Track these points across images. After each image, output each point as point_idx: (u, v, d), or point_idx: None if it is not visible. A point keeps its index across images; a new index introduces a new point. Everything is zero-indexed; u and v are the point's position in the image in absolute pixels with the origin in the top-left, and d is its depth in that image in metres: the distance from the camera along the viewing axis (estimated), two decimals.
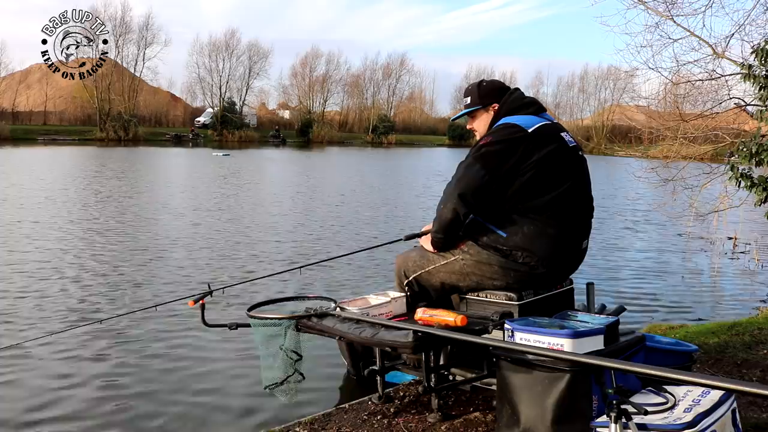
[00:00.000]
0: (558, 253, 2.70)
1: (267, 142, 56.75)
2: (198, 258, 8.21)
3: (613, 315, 2.65)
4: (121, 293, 6.37)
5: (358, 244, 9.14)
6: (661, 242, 10.99)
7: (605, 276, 7.85)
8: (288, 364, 2.88)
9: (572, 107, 69.16)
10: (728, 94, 7.62)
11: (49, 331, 4.90)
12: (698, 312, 6.41)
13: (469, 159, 2.70)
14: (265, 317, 2.97)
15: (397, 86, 70.28)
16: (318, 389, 3.93)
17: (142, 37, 55.99)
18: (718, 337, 4.23)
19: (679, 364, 3.00)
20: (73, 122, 54.18)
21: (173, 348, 4.82)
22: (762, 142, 6.33)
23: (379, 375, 3.02)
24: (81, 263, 7.66)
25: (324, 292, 5.77)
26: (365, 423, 2.82)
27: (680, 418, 1.98)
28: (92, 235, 9.62)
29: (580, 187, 2.77)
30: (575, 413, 2.18)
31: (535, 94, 37.76)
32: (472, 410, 2.91)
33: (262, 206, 14.44)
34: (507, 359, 2.32)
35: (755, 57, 6.22)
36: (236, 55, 60.97)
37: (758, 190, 6.42)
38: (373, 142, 62.51)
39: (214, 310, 5.40)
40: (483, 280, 2.77)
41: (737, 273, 8.63)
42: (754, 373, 3.51)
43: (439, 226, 2.76)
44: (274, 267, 7.43)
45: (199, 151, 41.03)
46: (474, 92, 2.94)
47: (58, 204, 13.18)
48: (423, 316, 2.66)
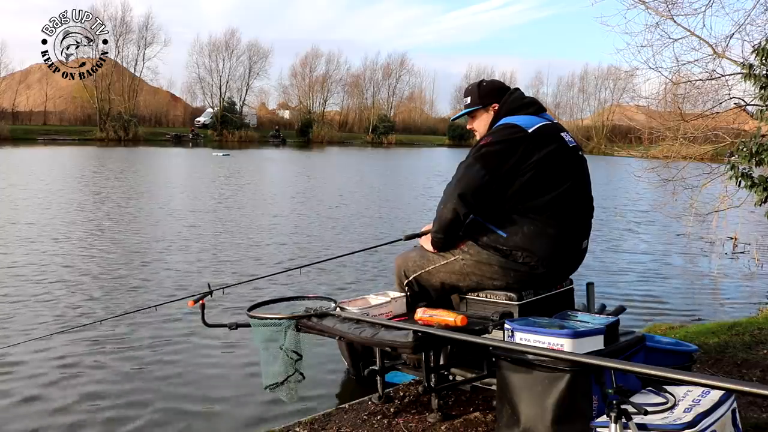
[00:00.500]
0: (558, 253, 2.70)
1: (267, 142, 56.74)
2: (198, 258, 8.21)
3: (613, 315, 2.65)
4: (121, 293, 6.37)
5: (358, 245, 9.14)
6: (661, 242, 10.99)
7: (605, 276, 7.85)
8: (288, 364, 2.88)
9: (572, 107, 69.29)
10: (728, 93, 7.64)
11: (49, 331, 4.90)
12: (698, 312, 6.41)
13: (469, 159, 2.70)
14: (265, 317, 2.97)
15: (397, 86, 70.41)
16: (318, 389, 3.93)
17: (142, 37, 56.07)
18: (718, 337, 4.23)
19: (679, 364, 3.00)
20: (73, 122, 54.16)
21: (173, 348, 4.82)
22: (762, 142, 6.33)
23: (379, 375, 3.02)
24: (80, 264, 7.67)
25: (324, 292, 5.77)
26: (365, 423, 2.82)
27: (680, 418, 1.98)
28: (91, 236, 9.62)
29: (580, 187, 2.77)
30: (575, 413, 2.18)
31: (535, 94, 37.72)
32: (472, 410, 2.91)
33: (262, 206, 14.44)
34: (507, 359, 2.32)
35: (755, 56, 6.23)
36: (236, 55, 61.06)
37: (758, 190, 6.42)
38: (373, 142, 62.52)
39: (214, 310, 5.41)
40: (483, 280, 2.77)
41: (737, 273, 8.63)
42: (754, 373, 3.51)
43: (439, 226, 2.76)
44: (274, 267, 7.43)
45: (199, 151, 41.02)
46: (474, 92, 2.94)
47: (56, 205, 13.18)
48: (423, 316, 2.66)
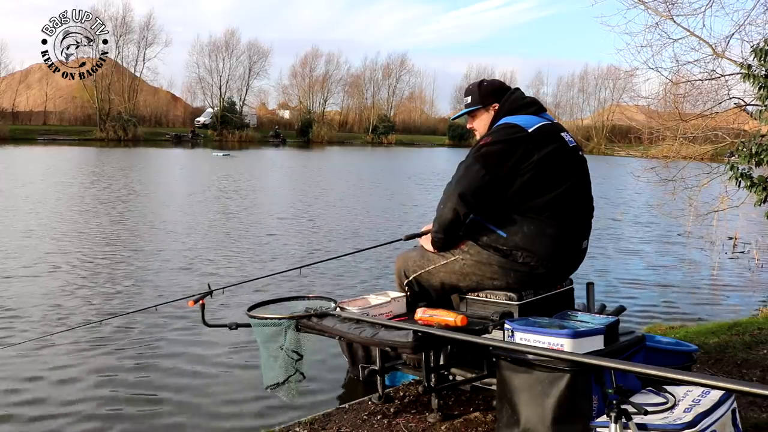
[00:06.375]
0: (558, 253, 2.70)
1: (267, 142, 56.73)
2: (198, 258, 8.20)
3: (613, 315, 2.65)
4: (121, 293, 6.37)
5: (358, 244, 9.14)
6: (661, 242, 10.99)
7: (605, 276, 7.85)
8: (289, 364, 2.87)
9: (572, 107, 69.30)
10: (728, 94, 7.63)
11: (48, 331, 4.90)
12: (698, 312, 6.41)
13: (469, 159, 2.70)
14: (265, 317, 2.97)
15: (397, 86, 70.47)
16: (318, 389, 3.93)
17: (142, 37, 56.10)
18: (718, 337, 4.23)
19: (679, 364, 3.00)
20: (73, 122, 54.15)
21: (173, 348, 4.82)
22: (762, 142, 6.34)
23: (379, 375, 3.02)
24: (80, 264, 7.67)
25: (324, 292, 5.77)
26: (365, 423, 2.82)
27: (680, 418, 1.98)
28: (91, 236, 9.62)
29: (580, 187, 2.77)
30: (575, 413, 2.18)
31: (535, 94, 37.70)
32: (472, 410, 2.91)
33: (262, 206, 14.44)
34: (507, 359, 2.32)
35: (755, 57, 6.23)
36: (236, 55, 61.08)
37: (758, 190, 6.43)
38: (373, 142, 62.53)
39: (214, 310, 5.41)
40: (483, 280, 2.77)
41: (737, 273, 8.62)
42: (754, 373, 3.51)
43: (439, 226, 2.76)
44: (275, 267, 7.43)
45: (199, 152, 41.02)
46: (475, 92, 2.94)
47: (56, 205, 13.18)
48: (423, 316, 2.66)
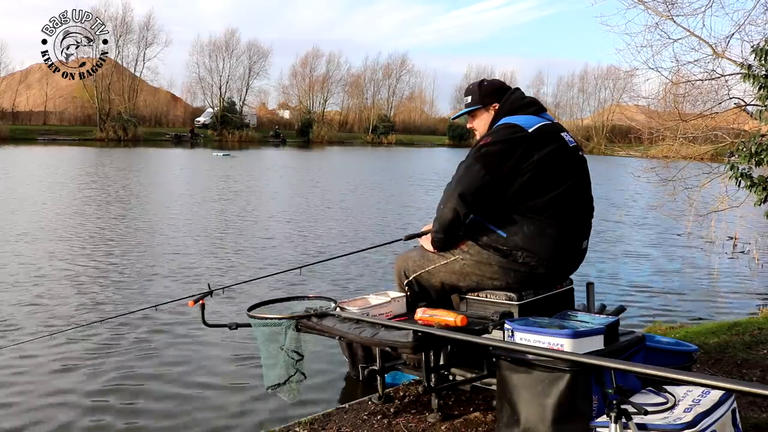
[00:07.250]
0: (558, 253, 2.70)
1: (267, 142, 56.72)
2: (197, 258, 8.21)
3: (613, 315, 2.65)
4: (121, 293, 6.37)
5: (358, 244, 9.14)
6: (661, 242, 10.99)
7: (605, 276, 7.85)
8: (289, 364, 2.87)
9: (572, 107, 69.32)
10: (728, 94, 7.63)
11: (48, 331, 4.89)
12: (698, 312, 6.41)
13: (469, 159, 2.70)
14: (265, 317, 2.97)
15: (397, 86, 70.47)
16: (318, 389, 3.93)
17: (142, 38, 56.06)
18: (718, 337, 4.23)
19: (679, 364, 3.00)
20: (73, 122, 54.14)
21: (173, 348, 4.82)
22: (762, 142, 6.33)
23: (379, 375, 3.02)
24: (80, 264, 7.67)
25: (324, 292, 5.77)
26: (365, 423, 2.82)
27: (680, 418, 1.98)
28: (90, 236, 9.62)
29: (580, 187, 2.77)
30: (575, 413, 2.18)
31: (535, 94, 37.71)
32: (472, 410, 2.91)
33: (262, 207, 14.44)
34: (507, 359, 2.32)
35: (755, 57, 6.23)
36: (236, 55, 61.07)
37: (758, 190, 6.43)
38: (373, 142, 62.52)
39: (214, 310, 5.41)
40: (483, 280, 2.77)
41: (737, 273, 8.62)
42: (754, 373, 3.51)
43: (439, 226, 2.76)
44: (275, 267, 7.43)
45: (199, 152, 41.01)
46: (475, 91, 2.94)
47: (56, 205, 13.17)
48: (423, 316, 2.66)
